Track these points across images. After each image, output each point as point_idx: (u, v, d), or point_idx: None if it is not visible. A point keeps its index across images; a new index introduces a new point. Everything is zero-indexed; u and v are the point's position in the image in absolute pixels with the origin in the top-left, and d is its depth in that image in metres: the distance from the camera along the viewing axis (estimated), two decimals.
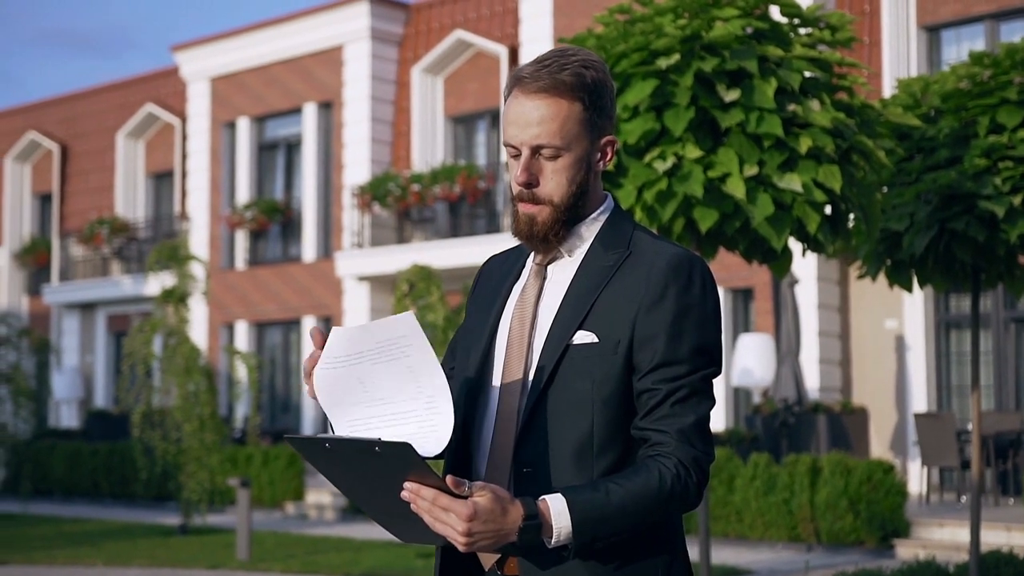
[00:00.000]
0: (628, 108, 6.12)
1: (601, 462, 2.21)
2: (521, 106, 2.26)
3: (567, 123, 2.24)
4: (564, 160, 2.26)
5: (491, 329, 2.37)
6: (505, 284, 2.42)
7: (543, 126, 2.24)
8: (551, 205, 2.28)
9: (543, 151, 2.26)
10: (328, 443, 2.05)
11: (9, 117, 28.42)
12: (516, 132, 2.27)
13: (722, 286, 17.07)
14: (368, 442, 2.00)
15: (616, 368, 2.22)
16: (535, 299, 2.33)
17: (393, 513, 2.11)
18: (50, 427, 23.81)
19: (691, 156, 6.01)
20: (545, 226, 2.29)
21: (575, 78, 2.24)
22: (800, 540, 12.93)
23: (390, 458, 2.01)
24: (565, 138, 2.25)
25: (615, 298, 2.24)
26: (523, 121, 2.26)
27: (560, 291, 2.31)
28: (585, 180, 2.30)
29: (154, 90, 25.30)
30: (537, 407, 2.24)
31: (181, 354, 14.93)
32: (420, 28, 21.41)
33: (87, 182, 26.42)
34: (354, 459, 2.05)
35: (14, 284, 27.64)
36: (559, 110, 2.24)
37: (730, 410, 17.09)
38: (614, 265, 2.28)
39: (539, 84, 2.24)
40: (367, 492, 2.12)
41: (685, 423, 2.19)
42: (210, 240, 23.15)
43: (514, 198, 2.32)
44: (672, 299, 2.22)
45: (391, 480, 2.04)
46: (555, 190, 2.27)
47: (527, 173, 2.27)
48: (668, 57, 6.02)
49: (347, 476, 2.12)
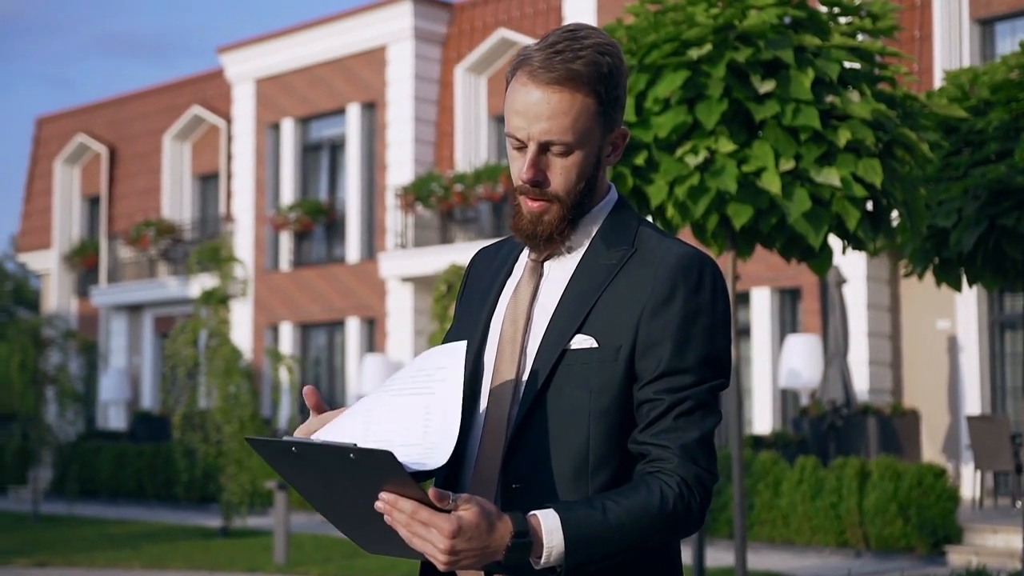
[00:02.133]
0: (659, 101, 5.92)
1: (597, 478, 2.02)
2: (529, 96, 2.04)
3: (580, 118, 2.04)
4: (575, 157, 2.06)
5: (482, 330, 2.18)
6: (497, 281, 2.23)
7: (554, 121, 2.03)
8: (559, 202, 2.08)
9: (553, 147, 2.05)
10: (295, 447, 1.86)
11: (59, 120, 28.63)
12: (523, 124, 2.05)
13: (768, 286, 16.77)
14: (342, 448, 1.82)
15: (616, 376, 2.02)
16: (530, 298, 2.14)
17: (362, 524, 1.92)
18: (98, 428, 23.92)
19: (724, 150, 5.80)
20: (551, 225, 2.09)
21: (591, 68, 2.03)
22: (848, 546, 12.63)
23: (366, 466, 1.82)
24: (577, 134, 2.04)
25: (617, 300, 2.05)
26: (532, 114, 2.04)
27: (557, 290, 2.11)
28: (593, 176, 2.10)
29: (200, 92, 25.36)
30: (529, 417, 2.05)
31: (221, 356, 14.87)
32: (463, 27, 21.27)
33: (135, 184, 26.53)
34: (323, 465, 1.87)
35: (64, 286, 27.82)
36: (572, 104, 2.03)
37: (777, 412, 16.79)
38: (617, 264, 2.08)
39: (551, 75, 2.02)
40: (334, 501, 1.94)
41: (689, 438, 2.00)
42: (255, 241, 23.15)
43: (516, 191, 2.12)
44: (680, 302, 2.02)
45: (365, 490, 1.86)
46: (563, 187, 2.07)
47: (534, 169, 2.06)
48: (700, 47, 5.81)
49: (314, 483, 1.94)
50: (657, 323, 2.01)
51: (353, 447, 1.80)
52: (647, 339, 2.01)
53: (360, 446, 1.80)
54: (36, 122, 29.24)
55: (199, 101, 25.22)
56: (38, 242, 28.46)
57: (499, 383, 2.10)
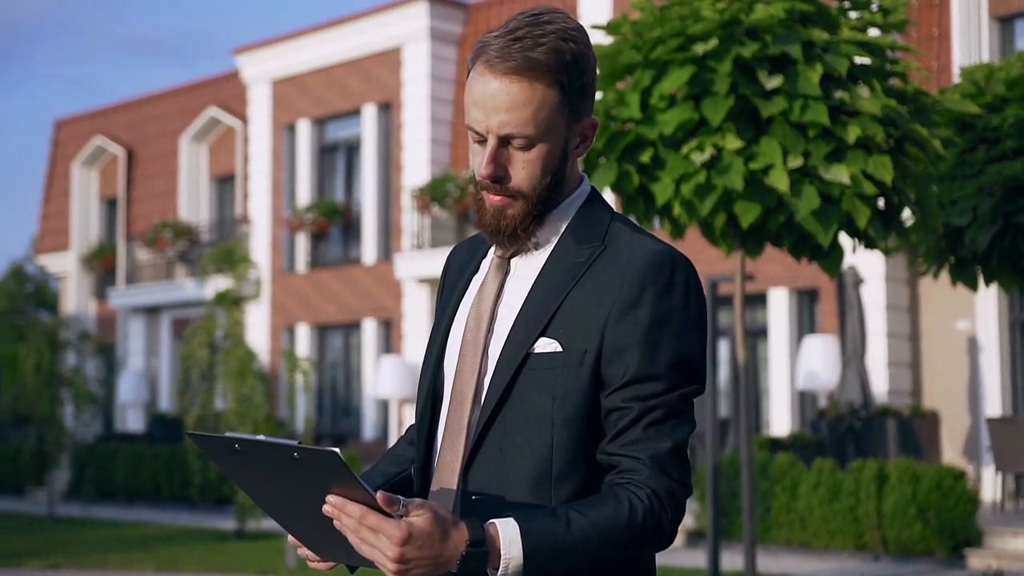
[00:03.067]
0: (665, 97, 5.81)
1: (561, 491, 1.91)
2: (487, 86, 1.93)
3: (541, 110, 1.92)
4: (538, 150, 1.95)
5: (444, 329, 2.08)
6: (463, 278, 2.13)
7: (513, 113, 1.92)
8: (522, 198, 1.97)
9: (513, 141, 1.94)
10: (238, 444, 1.77)
11: (77, 122, 28.69)
12: (481, 117, 1.94)
13: (785, 286, 16.62)
14: (286, 446, 1.72)
15: (581, 382, 1.91)
16: (494, 297, 2.03)
17: (312, 527, 1.82)
18: (115, 430, 23.92)
19: (731, 147, 5.69)
20: (515, 220, 1.98)
21: (552, 56, 1.91)
22: (866, 549, 12.47)
23: (311, 466, 1.73)
24: (539, 127, 1.93)
25: (584, 301, 1.94)
26: (490, 105, 1.93)
27: (524, 289, 2.00)
28: (560, 169, 1.99)
29: (217, 94, 25.35)
30: (489, 424, 1.94)
31: (235, 357, 14.81)
32: (479, 27, 21.18)
33: (152, 186, 26.55)
34: (268, 464, 1.78)
35: (82, 288, 27.86)
36: (532, 95, 1.91)
37: (795, 414, 16.63)
38: (586, 261, 1.97)
39: (509, 64, 1.91)
40: (281, 502, 1.85)
41: (660, 449, 1.88)
42: (271, 243, 23.12)
43: (477, 186, 2.01)
44: (649, 304, 1.91)
45: (312, 492, 1.77)
46: (527, 182, 1.96)
47: (494, 164, 1.95)
48: (706, 42, 5.70)
49: (259, 482, 1.85)
50: (624, 327, 1.90)
51: (297, 445, 1.71)
52: (614, 344, 1.90)
53: (304, 445, 1.71)
54: (54, 124, 29.31)
55: (216, 103, 25.21)
56: (56, 244, 28.52)
57: (460, 387, 2.00)
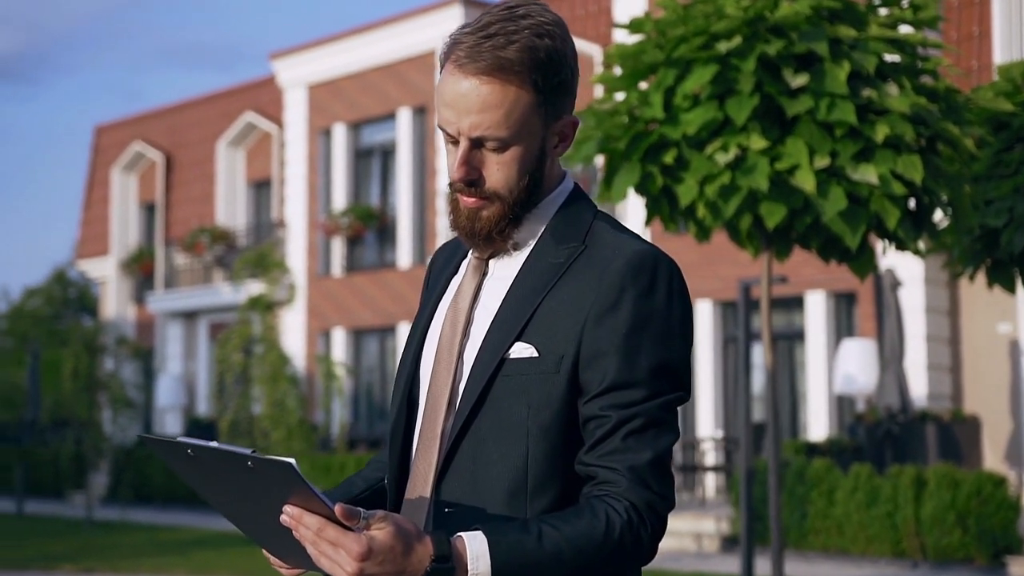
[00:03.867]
0: (688, 96, 5.70)
1: (537, 502, 1.82)
2: (457, 85, 1.84)
3: (514, 111, 1.83)
4: (512, 152, 1.86)
5: (421, 334, 2.00)
6: (443, 279, 2.05)
7: (485, 114, 1.83)
8: (498, 200, 1.89)
9: (486, 143, 1.86)
10: (191, 449, 1.71)
11: (117, 128, 28.89)
12: (452, 118, 1.86)
13: (823, 289, 16.42)
14: (239, 455, 1.66)
15: (558, 390, 1.82)
16: (470, 300, 1.94)
17: (273, 534, 1.76)
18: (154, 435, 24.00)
19: (756, 147, 5.57)
20: (490, 222, 1.89)
21: (525, 55, 1.82)
22: (905, 556, 12.28)
23: (266, 476, 1.66)
24: (512, 128, 1.84)
25: (561, 303, 1.85)
26: (461, 106, 1.84)
27: (501, 291, 1.91)
28: (538, 170, 1.90)
29: (254, 99, 25.44)
30: (463, 434, 1.86)
31: (268, 362, 14.83)
32: None
33: (190, 191, 26.68)
34: (223, 472, 1.73)
35: (121, 293, 28.04)
36: (504, 95, 1.83)
37: (832, 418, 16.43)
38: (565, 262, 1.87)
39: (478, 64, 1.82)
40: (241, 508, 1.80)
41: (639, 460, 1.79)
42: (307, 247, 23.15)
43: (451, 187, 1.93)
44: (628, 306, 1.81)
45: (269, 501, 1.71)
46: (502, 184, 1.88)
47: (466, 168, 1.86)
48: (730, 40, 5.59)
49: (214, 487, 1.79)
50: (602, 331, 1.81)
51: (251, 455, 1.64)
52: (591, 349, 1.81)
53: (258, 454, 1.64)
54: (95, 130, 29.52)
55: (252, 107, 25.30)
56: (97, 249, 28.73)
57: (435, 394, 1.91)
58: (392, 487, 1.95)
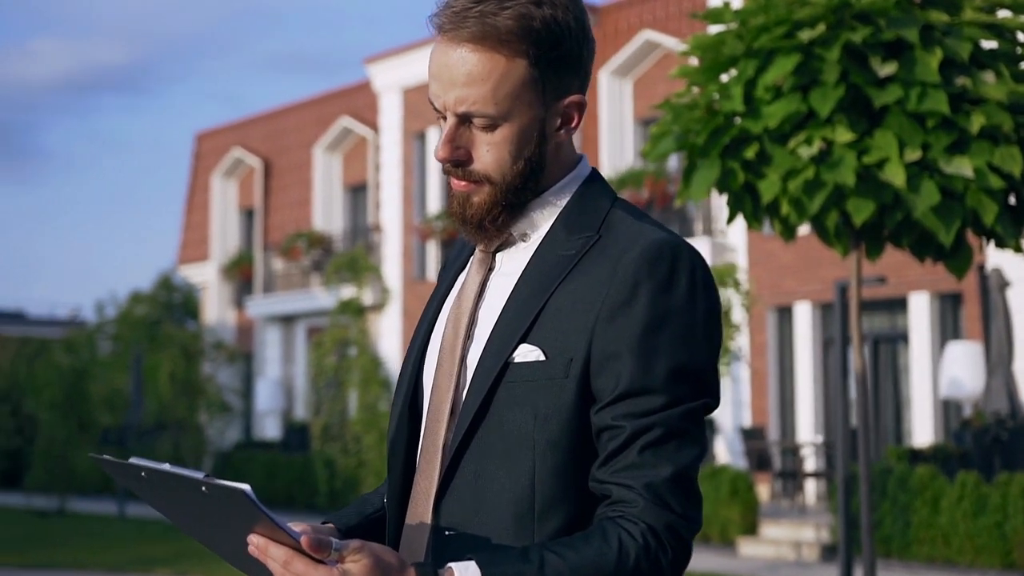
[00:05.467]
0: (770, 88, 5.44)
1: (546, 525, 1.62)
2: (444, 56, 1.67)
3: (503, 84, 1.65)
4: (503, 132, 1.67)
5: (424, 336, 1.81)
6: (450, 274, 1.86)
7: (471, 88, 1.65)
8: (489, 183, 1.70)
9: (474, 120, 1.67)
10: (144, 472, 1.58)
11: (217, 135, 29.27)
12: (438, 91, 1.69)
13: (927, 290, 15.90)
14: (192, 479, 1.52)
15: (568, 397, 1.62)
16: (474, 298, 1.75)
17: (245, 558, 1.62)
18: (253, 438, 24.23)
19: (842, 140, 5.29)
20: (481, 209, 1.70)
21: (517, 23, 1.63)
22: (1015, 568, 11.80)
23: (221, 502, 1.52)
24: (502, 104, 1.65)
25: (571, 300, 1.65)
26: (445, 78, 1.66)
27: (507, 288, 1.72)
28: (537, 153, 1.70)
29: (349, 103, 25.55)
30: (464, 447, 1.66)
31: (360, 365, 14.81)
32: (608, 30, 20.88)
33: (288, 196, 26.91)
34: (179, 495, 1.60)
35: (222, 297, 28.38)
36: (492, 67, 1.64)
37: (938, 424, 15.90)
38: (576, 254, 1.67)
39: (464, 31, 1.64)
40: (209, 532, 1.66)
41: (657, 476, 1.58)
42: (403, 251, 23.16)
43: (443, 170, 1.75)
44: (644, 302, 1.61)
45: (230, 526, 1.57)
46: (493, 167, 1.69)
47: (450, 147, 1.68)
48: (813, 29, 5.32)
49: (178, 511, 1.66)
50: (615, 330, 1.61)
51: (204, 479, 1.50)
52: (603, 351, 1.61)
53: (212, 479, 1.50)
54: (196, 137, 29.95)
55: (348, 112, 25.41)
56: (198, 255, 29.13)
57: (436, 403, 1.73)
58: (393, 508, 1.76)
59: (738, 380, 17.73)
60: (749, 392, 17.92)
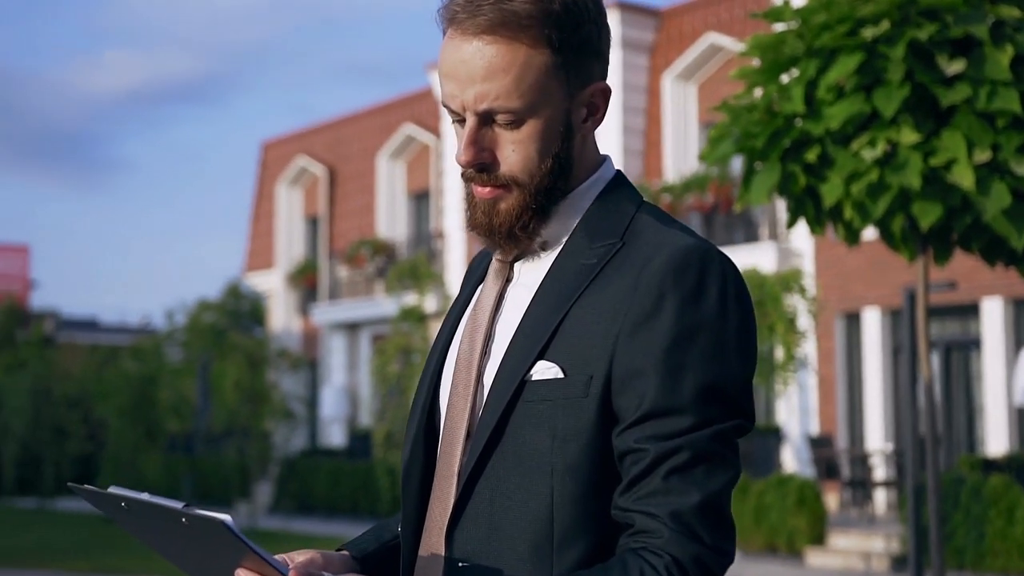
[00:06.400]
0: (832, 88, 5.27)
1: (565, 556, 1.50)
2: (458, 52, 1.54)
3: (527, 75, 1.53)
4: (529, 128, 1.55)
5: (440, 352, 1.69)
6: (468, 287, 1.74)
7: (492, 83, 1.52)
8: (517, 187, 1.57)
9: (497, 117, 1.55)
10: (125, 503, 1.51)
11: (282, 144, 29.45)
12: (455, 90, 1.56)
13: (1000, 295, 15.52)
14: (171, 509, 1.44)
15: (587, 417, 1.50)
16: (491, 311, 1.63)
17: None
18: (320, 445, 24.31)
19: (907, 141, 5.11)
20: (510, 216, 1.58)
21: (535, 6, 1.52)
22: None
23: (203, 532, 1.45)
24: (526, 97, 1.53)
25: (592, 313, 1.52)
26: (463, 74, 1.54)
27: (525, 300, 1.60)
28: (565, 149, 1.58)
29: (412, 110, 25.58)
30: (478, 472, 1.55)
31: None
32: (672, 34, 20.68)
33: (352, 203, 26.99)
34: (161, 525, 1.53)
35: (288, 305, 28.52)
36: (513, 56, 1.52)
37: (1013, 432, 15.50)
38: (598, 263, 1.55)
39: (480, 20, 1.52)
40: (187, 559, 1.58)
41: (684, 504, 1.45)
42: (465, 258, 23.11)
43: (463, 177, 1.62)
44: (670, 314, 1.48)
45: (219, 557, 1.49)
46: (520, 168, 1.56)
47: (475, 149, 1.56)
48: (877, 26, 5.14)
49: (159, 538, 1.58)
50: (638, 345, 1.48)
51: (183, 510, 1.42)
52: (626, 367, 1.48)
53: (192, 510, 1.41)
54: (261, 146, 30.17)
55: (411, 119, 25.43)
56: (264, 263, 29.32)
57: (451, 423, 1.61)
58: (407, 537, 1.65)
59: (805, 387, 17.44)
60: (816, 400, 17.62)
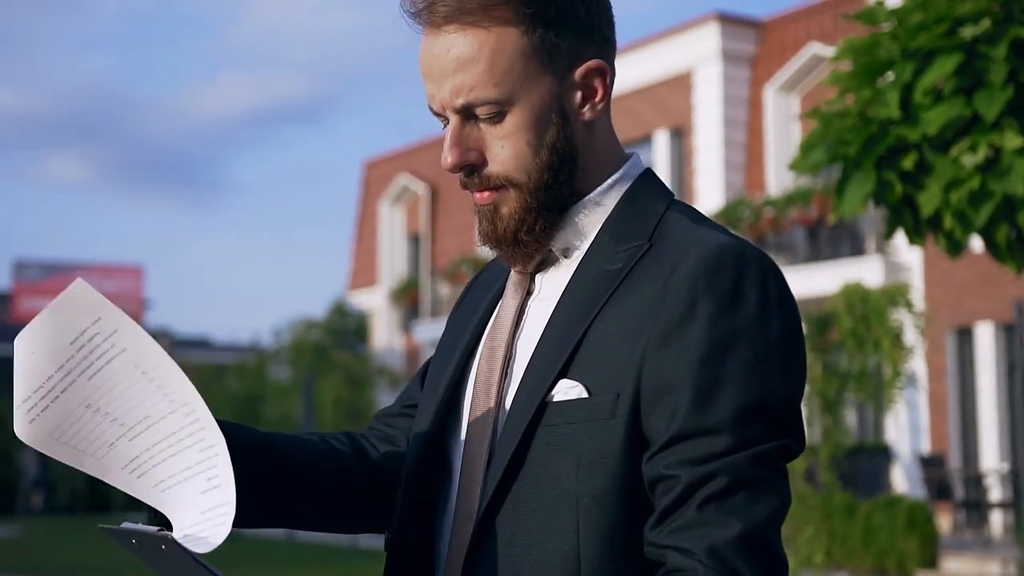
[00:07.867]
0: (929, 92, 5.01)
1: None
2: (428, 49, 1.42)
3: (499, 60, 1.39)
4: (514, 119, 1.41)
5: (455, 371, 1.53)
6: (486, 299, 1.59)
7: (464, 73, 1.39)
8: (513, 186, 1.43)
9: (477, 112, 1.41)
10: (135, 539, 1.38)
11: (384, 162, 29.69)
12: (432, 90, 1.44)
13: None
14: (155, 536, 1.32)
15: (615, 441, 1.33)
16: (510, 328, 1.48)
17: None
18: None
19: (1011, 146, 4.84)
20: (512, 220, 1.44)
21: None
22: None
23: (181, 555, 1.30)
24: (503, 84, 1.39)
25: (617, 324, 1.36)
26: (436, 71, 1.41)
27: (546, 314, 1.44)
28: (563, 140, 1.43)
29: None
30: (497, 505, 1.38)
31: None
32: (773, 45, 20.33)
33: (453, 221, 27.05)
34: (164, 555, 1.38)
35: (392, 323, 28.67)
36: (483, 43, 1.38)
37: None
38: (623, 268, 1.39)
39: (444, 9, 1.39)
40: None
41: (722, 537, 1.26)
42: None
43: (461, 186, 1.49)
44: (703, 321, 1.31)
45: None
46: (512, 164, 1.42)
47: (459, 150, 1.43)
48: (976, 25, 4.88)
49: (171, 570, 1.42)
50: (668, 357, 1.31)
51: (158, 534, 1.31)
52: (655, 383, 1.31)
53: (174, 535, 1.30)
54: (364, 165, 30.43)
55: None
56: (367, 281, 29.54)
57: (471, 449, 1.44)
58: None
59: (914, 406, 16.92)
60: (927, 418, 17.09)
